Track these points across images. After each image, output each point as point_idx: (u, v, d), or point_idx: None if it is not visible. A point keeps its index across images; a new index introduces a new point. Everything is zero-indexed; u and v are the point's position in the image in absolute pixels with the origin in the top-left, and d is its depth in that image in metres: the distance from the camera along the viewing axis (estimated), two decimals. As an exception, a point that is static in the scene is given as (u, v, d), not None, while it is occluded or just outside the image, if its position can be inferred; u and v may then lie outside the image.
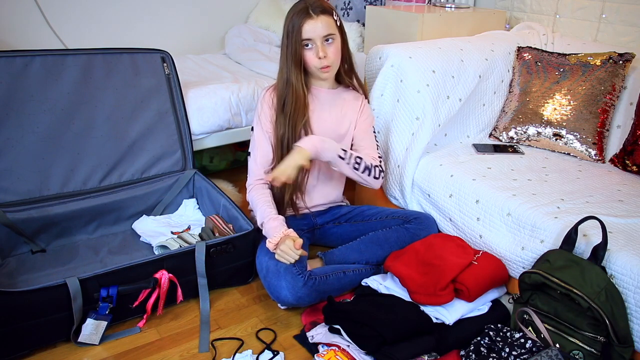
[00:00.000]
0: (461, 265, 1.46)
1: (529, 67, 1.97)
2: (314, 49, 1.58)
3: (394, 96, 1.84)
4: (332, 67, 1.63)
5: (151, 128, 1.95)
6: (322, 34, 1.56)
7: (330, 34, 1.58)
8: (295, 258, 1.47)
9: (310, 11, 1.55)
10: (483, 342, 1.32)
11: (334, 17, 1.60)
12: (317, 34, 1.56)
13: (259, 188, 1.65)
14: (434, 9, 2.33)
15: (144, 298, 1.46)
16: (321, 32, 1.56)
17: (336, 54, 1.62)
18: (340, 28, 1.63)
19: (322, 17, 1.56)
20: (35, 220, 1.73)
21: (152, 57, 1.93)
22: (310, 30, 1.55)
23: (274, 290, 1.49)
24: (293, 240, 1.48)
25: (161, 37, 2.84)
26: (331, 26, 1.58)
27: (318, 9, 1.56)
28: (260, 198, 1.62)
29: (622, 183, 1.64)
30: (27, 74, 1.71)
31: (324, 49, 1.58)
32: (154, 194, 1.96)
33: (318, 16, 1.55)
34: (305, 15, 1.55)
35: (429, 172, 1.76)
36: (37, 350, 1.39)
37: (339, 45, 1.62)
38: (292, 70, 1.60)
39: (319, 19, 1.55)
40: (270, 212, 1.58)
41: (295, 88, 1.62)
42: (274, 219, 1.56)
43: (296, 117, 1.62)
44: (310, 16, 1.55)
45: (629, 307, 1.24)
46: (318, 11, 1.55)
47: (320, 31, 1.56)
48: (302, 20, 1.55)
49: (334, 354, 1.32)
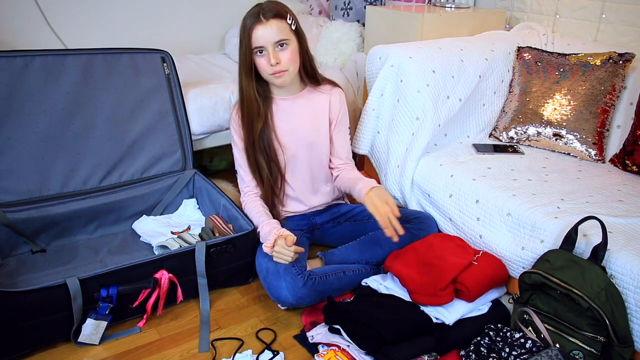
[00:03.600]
0: (461, 265, 1.46)
1: (529, 67, 1.97)
2: (265, 56, 1.52)
3: (394, 96, 1.84)
4: (287, 73, 1.55)
5: (151, 128, 1.95)
6: (273, 40, 1.49)
7: (283, 39, 1.50)
8: (291, 255, 1.47)
9: (260, 16, 1.48)
10: (483, 342, 1.32)
11: (287, 20, 1.52)
12: (268, 41, 1.49)
13: (251, 200, 1.69)
14: (434, 9, 2.33)
15: (144, 298, 1.46)
16: (272, 38, 1.49)
17: (291, 59, 1.54)
18: (296, 32, 1.55)
19: (273, 21, 1.48)
20: (35, 220, 1.73)
21: (152, 57, 1.93)
22: (260, 37, 1.48)
23: (274, 290, 1.49)
24: (284, 237, 1.48)
25: (161, 37, 2.84)
26: (284, 31, 1.50)
27: (269, 14, 1.48)
28: (252, 209, 1.66)
29: (622, 183, 1.64)
30: (27, 74, 1.71)
31: (276, 55, 1.50)
32: (154, 194, 1.97)
33: (268, 21, 1.48)
34: (255, 21, 1.48)
35: (429, 172, 1.76)
36: (37, 350, 1.39)
37: (295, 50, 1.55)
38: (244, 77, 1.56)
39: (269, 24, 1.48)
40: (263, 219, 1.60)
41: (247, 95, 1.58)
42: (266, 224, 1.57)
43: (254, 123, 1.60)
44: (260, 21, 1.47)
45: (629, 307, 1.24)
46: (269, 16, 1.48)
47: (271, 37, 1.49)
48: (252, 25, 1.48)
49: (334, 354, 1.32)
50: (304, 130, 1.69)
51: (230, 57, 2.87)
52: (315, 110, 1.70)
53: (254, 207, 1.67)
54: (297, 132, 1.68)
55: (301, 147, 1.70)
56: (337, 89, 1.74)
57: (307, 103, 1.69)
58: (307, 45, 1.62)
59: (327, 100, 1.71)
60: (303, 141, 1.69)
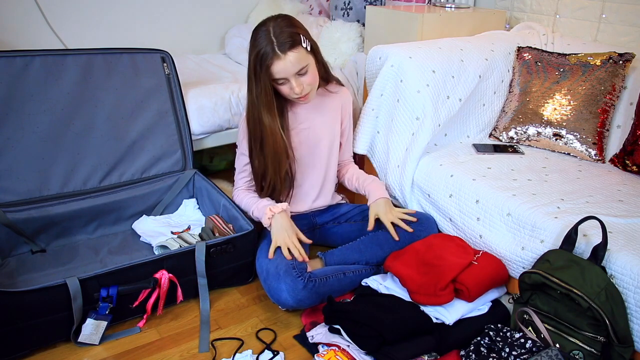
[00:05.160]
0: (461, 265, 1.46)
1: (529, 67, 1.97)
2: (287, 85, 1.50)
3: (394, 96, 1.84)
4: (311, 93, 1.55)
5: (151, 128, 1.94)
6: (294, 71, 1.47)
7: (303, 67, 1.48)
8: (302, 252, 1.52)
9: (277, 49, 1.42)
10: (483, 342, 1.32)
11: (302, 44, 1.47)
12: (288, 73, 1.46)
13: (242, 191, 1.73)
14: (434, 9, 2.33)
15: (144, 298, 1.46)
16: (293, 70, 1.46)
17: (312, 80, 1.53)
18: (312, 51, 1.52)
19: (291, 53, 1.44)
20: (35, 220, 1.73)
21: (152, 57, 1.93)
22: (281, 72, 1.46)
23: (274, 293, 1.49)
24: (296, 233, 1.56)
25: (161, 37, 2.84)
26: (302, 58, 1.47)
27: (286, 45, 1.42)
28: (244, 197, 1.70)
29: (622, 183, 1.64)
30: (27, 74, 1.71)
31: (299, 83, 1.49)
32: (154, 194, 1.96)
33: (286, 54, 1.43)
34: (273, 55, 1.43)
35: (429, 172, 1.76)
36: (37, 350, 1.39)
37: (314, 68, 1.53)
38: (264, 113, 1.52)
39: (287, 58, 1.43)
40: (255, 200, 1.65)
41: (271, 130, 1.54)
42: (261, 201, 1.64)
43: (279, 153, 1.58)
44: (278, 56, 1.43)
45: (629, 307, 1.24)
46: (286, 48, 1.43)
47: (292, 69, 1.46)
48: (270, 60, 1.43)
49: (334, 354, 1.32)
50: (319, 131, 1.70)
51: (230, 57, 2.87)
52: (330, 111, 1.73)
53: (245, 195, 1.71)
54: (311, 132, 1.70)
55: (315, 148, 1.71)
56: (344, 88, 1.77)
57: (320, 103, 1.71)
58: (321, 54, 1.60)
59: (339, 99, 1.74)
60: (317, 142, 1.71)
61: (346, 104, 1.77)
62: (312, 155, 1.72)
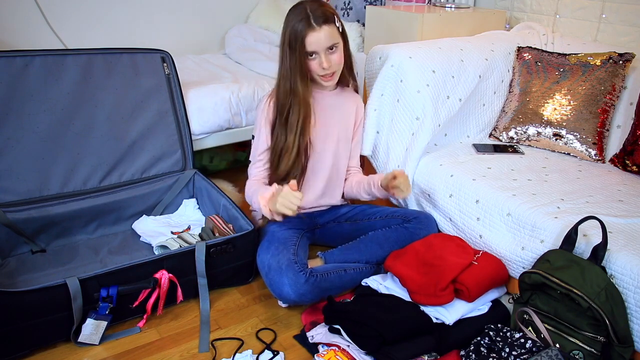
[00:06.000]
0: (461, 265, 1.46)
1: (529, 67, 1.97)
2: (317, 60, 1.55)
3: (394, 96, 1.84)
4: (335, 74, 1.61)
5: (151, 128, 1.95)
6: (326, 45, 1.53)
7: (335, 43, 1.55)
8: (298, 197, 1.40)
9: (312, 22, 1.49)
10: (483, 342, 1.32)
11: (336, 23, 1.55)
12: (321, 46, 1.52)
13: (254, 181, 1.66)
14: (434, 9, 2.33)
15: (144, 298, 1.46)
16: (325, 43, 1.53)
17: (340, 61, 1.60)
18: (342, 34, 1.60)
19: (325, 27, 1.51)
20: (35, 220, 1.73)
21: (152, 57, 1.93)
22: (314, 43, 1.51)
23: (276, 287, 1.49)
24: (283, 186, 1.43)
25: (161, 37, 2.84)
26: (334, 35, 1.54)
27: (320, 19, 1.50)
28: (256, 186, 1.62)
29: (622, 183, 1.64)
30: (27, 74, 1.71)
31: (328, 59, 1.55)
32: (154, 194, 1.96)
33: (321, 27, 1.50)
34: (308, 27, 1.50)
35: (429, 172, 1.76)
36: (37, 350, 1.39)
37: (342, 51, 1.59)
38: (299, 81, 1.56)
39: (322, 30, 1.51)
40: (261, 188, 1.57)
41: (303, 98, 1.57)
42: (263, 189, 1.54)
43: (305, 126, 1.60)
44: (313, 28, 1.50)
45: (629, 307, 1.24)
46: (321, 21, 1.50)
47: (325, 43, 1.52)
48: (304, 31, 1.50)
49: (334, 354, 1.32)
50: (336, 128, 1.72)
51: (230, 57, 2.86)
52: (346, 111, 1.75)
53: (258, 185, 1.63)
54: (328, 129, 1.70)
55: (330, 145, 1.72)
56: (358, 96, 1.81)
57: (339, 102, 1.73)
58: (349, 45, 1.65)
59: (354, 102, 1.77)
60: (333, 140, 1.72)
61: (360, 109, 1.80)
62: (324, 151, 1.72)
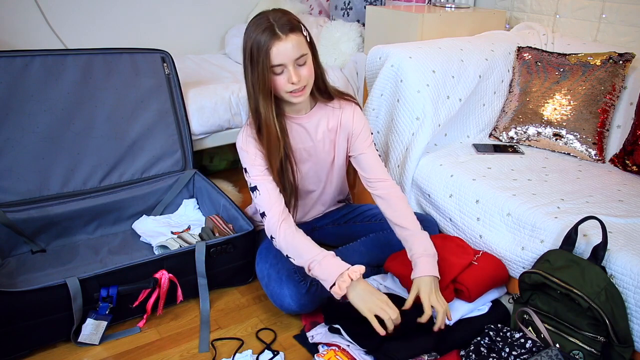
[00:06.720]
0: (461, 265, 1.46)
1: (529, 67, 1.97)
2: (285, 74, 1.35)
3: (394, 96, 1.84)
4: (306, 89, 1.40)
5: (151, 128, 1.95)
6: (294, 56, 1.32)
7: (303, 54, 1.34)
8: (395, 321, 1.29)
9: (277, 31, 1.29)
10: (483, 342, 1.32)
11: (303, 32, 1.36)
12: (288, 58, 1.32)
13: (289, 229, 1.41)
14: (434, 9, 2.33)
15: (144, 298, 1.46)
16: (293, 54, 1.32)
17: (309, 74, 1.39)
18: (311, 44, 1.40)
19: (292, 36, 1.31)
20: (35, 220, 1.73)
21: (152, 57, 1.93)
22: (280, 54, 1.31)
23: (277, 298, 1.48)
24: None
25: (161, 37, 2.84)
26: (302, 45, 1.34)
27: (286, 27, 1.30)
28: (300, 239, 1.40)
29: (622, 183, 1.64)
30: (27, 74, 1.71)
31: (297, 73, 1.34)
32: (154, 194, 1.97)
33: (288, 36, 1.30)
34: (273, 37, 1.29)
35: (429, 172, 1.76)
36: (37, 350, 1.39)
37: (311, 64, 1.39)
38: (260, 100, 1.37)
39: (289, 40, 1.30)
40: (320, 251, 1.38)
41: (265, 119, 1.39)
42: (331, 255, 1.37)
43: (272, 149, 1.42)
44: (279, 37, 1.29)
45: (629, 307, 1.24)
46: (287, 29, 1.30)
47: (292, 54, 1.32)
48: (269, 42, 1.29)
49: (334, 354, 1.32)
50: (322, 153, 1.58)
51: (230, 57, 2.87)
52: (329, 128, 1.55)
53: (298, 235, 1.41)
54: (311, 151, 1.56)
55: (315, 166, 1.60)
56: (349, 105, 1.57)
57: (320, 121, 1.54)
58: (319, 57, 1.46)
59: (338, 116, 1.56)
60: (317, 161, 1.59)
61: (348, 121, 1.56)
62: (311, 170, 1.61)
